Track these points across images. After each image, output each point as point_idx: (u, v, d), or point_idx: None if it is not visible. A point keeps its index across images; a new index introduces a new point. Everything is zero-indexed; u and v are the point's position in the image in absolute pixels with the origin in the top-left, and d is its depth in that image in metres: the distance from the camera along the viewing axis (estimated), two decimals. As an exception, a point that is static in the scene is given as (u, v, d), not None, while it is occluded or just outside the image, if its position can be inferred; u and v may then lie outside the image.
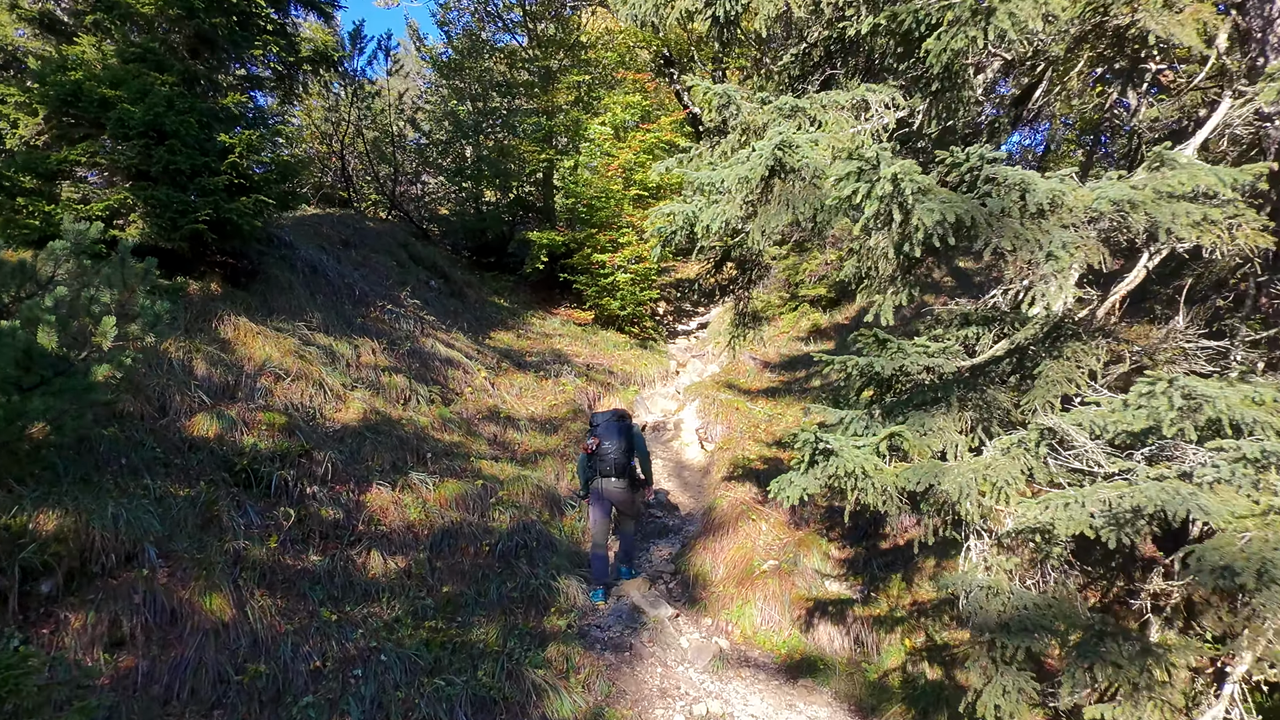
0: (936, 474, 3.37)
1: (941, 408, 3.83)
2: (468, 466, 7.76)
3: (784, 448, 9.32)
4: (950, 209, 3.00)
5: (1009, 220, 3.01)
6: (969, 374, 4.05)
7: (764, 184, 3.99)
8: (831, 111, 4.42)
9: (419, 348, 9.23)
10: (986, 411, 3.79)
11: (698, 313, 19.86)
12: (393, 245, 12.88)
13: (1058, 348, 3.64)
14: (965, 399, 3.82)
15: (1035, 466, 3.20)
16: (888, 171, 3.16)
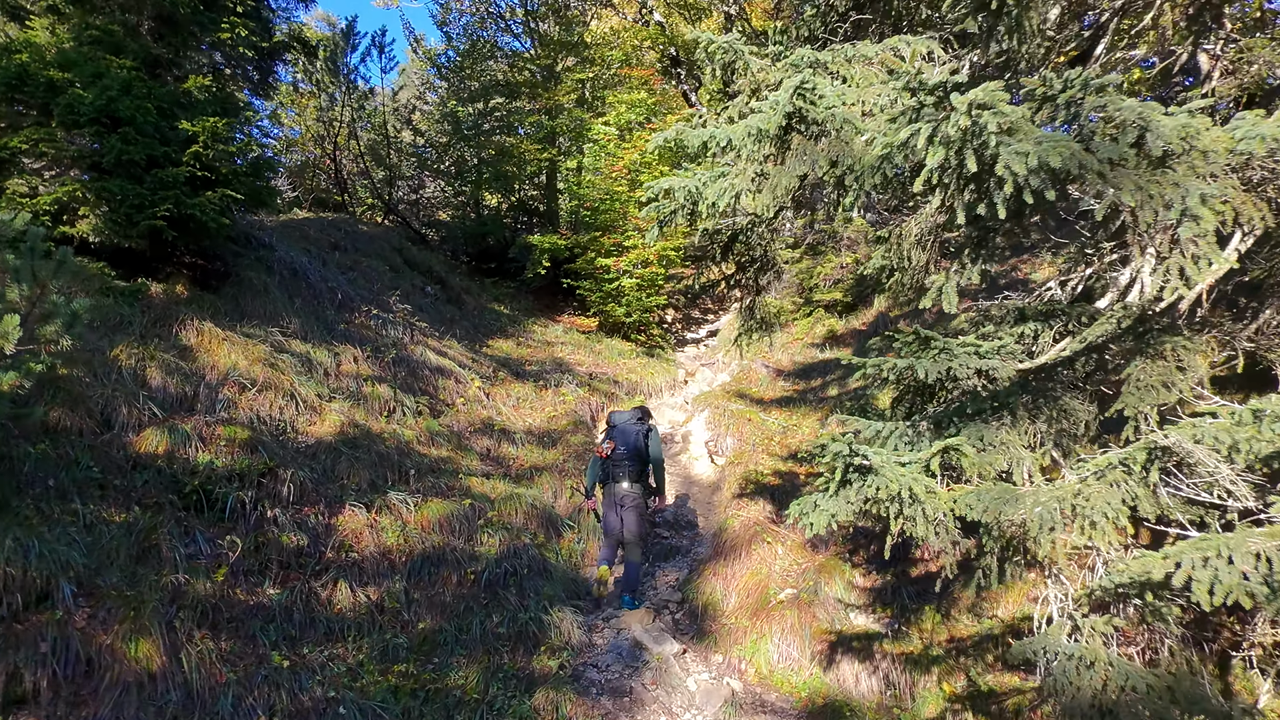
0: (1005, 501, 2.68)
1: (1002, 418, 3.14)
2: (455, 484, 7.09)
3: (800, 461, 8.61)
4: (1052, 152, 2.29)
5: (1123, 170, 2.33)
6: (1032, 378, 3.36)
7: (780, 141, 3.31)
8: (858, 66, 3.75)
9: (407, 355, 8.60)
10: (1060, 423, 3.10)
11: (707, 320, 19.18)
12: (386, 250, 12.28)
13: (1151, 344, 2.95)
14: (1035, 407, 3.12)
15: (1141, 496, 2.49)
16: (963, 101, 2.45)
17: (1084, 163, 2.30)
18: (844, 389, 10.72)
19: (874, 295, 13.43)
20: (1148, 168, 2.30)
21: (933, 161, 2.63)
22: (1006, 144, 2.38)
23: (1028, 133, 2.40)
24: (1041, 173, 2.33)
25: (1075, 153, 2.29)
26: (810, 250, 14.66)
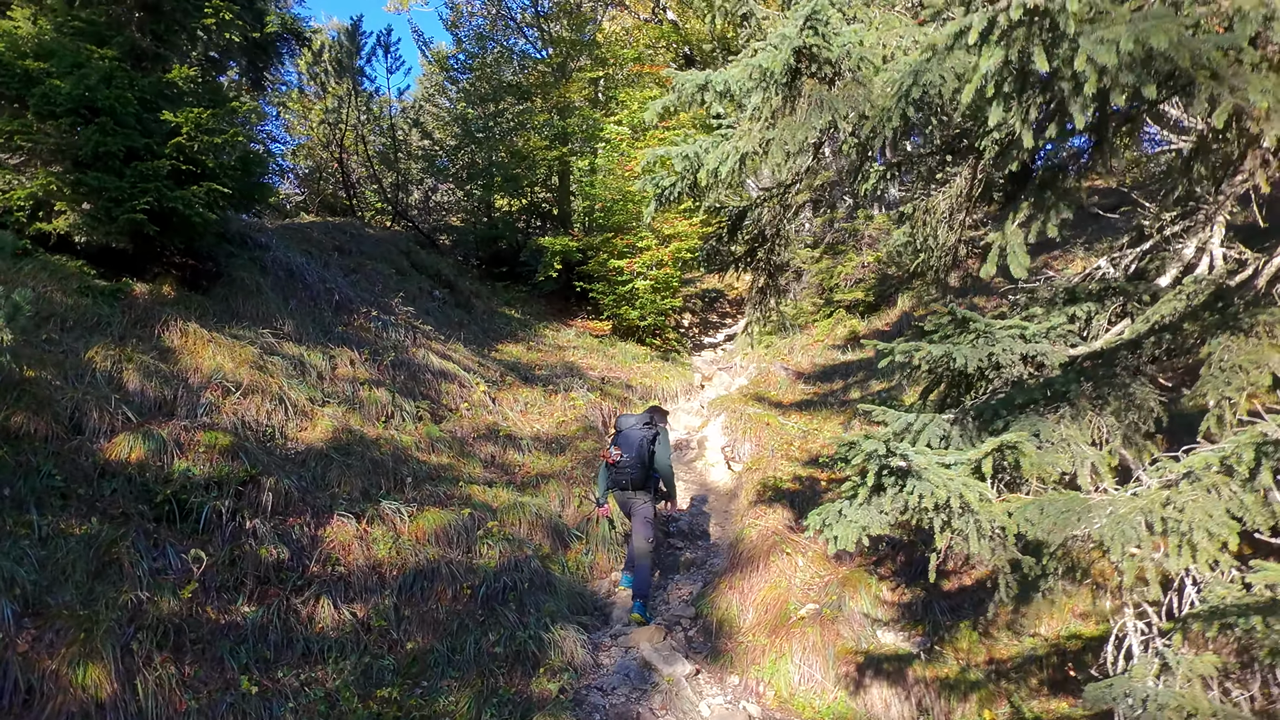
0: (1075, 513, 2.21)
1: (1059, 410, 2.67)
2: (455, 493, 6.70)
3: (821, 466, 8.14)
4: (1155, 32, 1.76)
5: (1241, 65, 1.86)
6: (1088, 363, 2.89)
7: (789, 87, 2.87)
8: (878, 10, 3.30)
9: (408, 359, 8.24)
10: (1128, 416, 2.63)
11: (724, 324, 18.73)
12: (393, 253, 11.98)
13: (1237, 318, 2.47)
14: (1098, 397, 2.65)
15: (1250, 504, 2.00)
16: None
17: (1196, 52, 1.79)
18: (866, 391, 10.23)
19: (897, 294, 12.92)
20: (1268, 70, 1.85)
21: (988, 64, 2.16)
22: (1088, 31, 1.90)
23: (1117, 15, 1.92)
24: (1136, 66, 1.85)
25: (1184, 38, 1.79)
26: (830, 250, 14.18)
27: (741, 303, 19.62)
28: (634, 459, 6.23)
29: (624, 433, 6.36)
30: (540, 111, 13.98)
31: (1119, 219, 13.28)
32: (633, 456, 6.23)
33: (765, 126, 3.14)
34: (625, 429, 6.40)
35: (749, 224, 5.68)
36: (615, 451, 6.37)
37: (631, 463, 6.24)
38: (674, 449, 10.24)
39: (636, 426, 6.39)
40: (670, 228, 13.24)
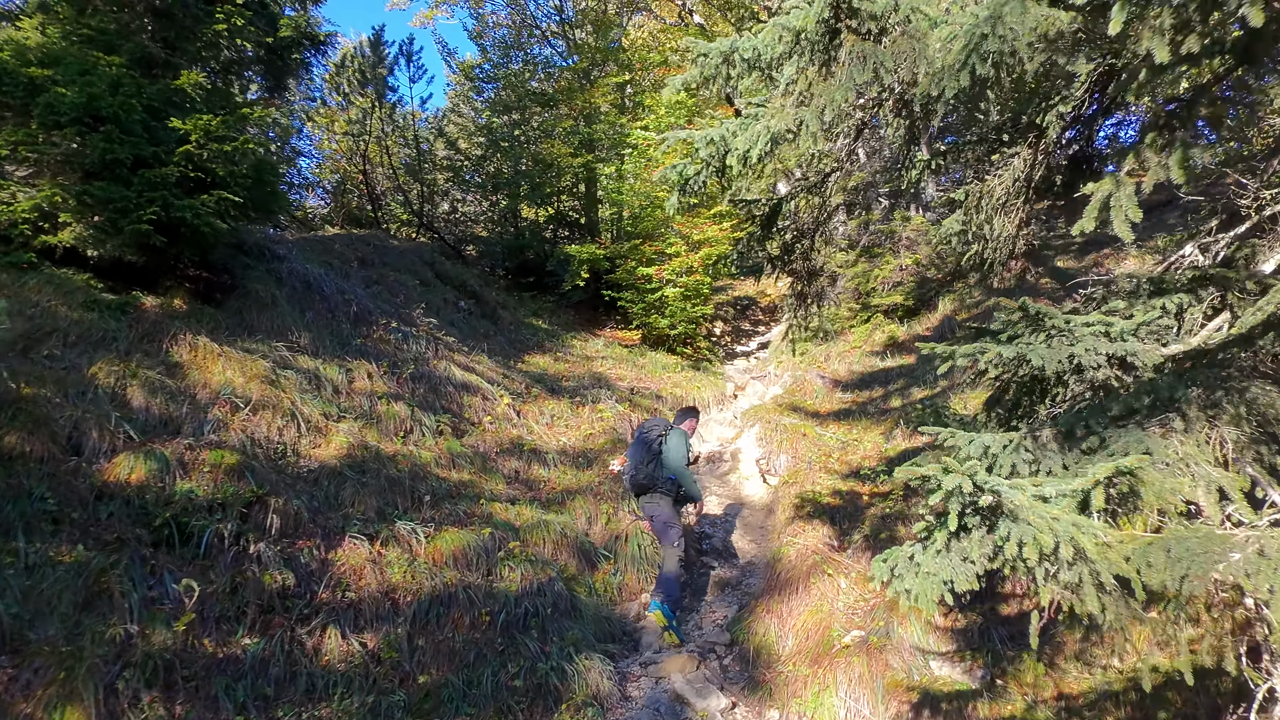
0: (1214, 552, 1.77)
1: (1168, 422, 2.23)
2: (476, 511, 6.37)
3: (863, 479, 7.67)
4: None
5: None
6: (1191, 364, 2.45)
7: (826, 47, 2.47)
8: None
9: (429, 371, 7.95)
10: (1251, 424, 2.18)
11: (757, 332, 18.26)
12: (417, 264, 11.76)
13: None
14: (1213, 404, 2.21)
15: None
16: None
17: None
18: (908, 399, 9.74)
19: (937, 298, 12.39)
20: None
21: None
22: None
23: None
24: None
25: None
26: (865, 253, 13.68)
27: (775, 310, 19.15)
28: (635, 462, 6.16)
29: (638, 439, 6.32)
30: (566, 118, 13.73)
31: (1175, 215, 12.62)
32: (635, 460, 6.17)
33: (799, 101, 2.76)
34: (640, 434, 6.34)
35: (785, 221, 5.27)
36: (617, 461, 6.49)
37: (633, 466, 6.19)
38: (708, 462, 9.83)
39: (653, 430, 6.30)
40: (700, 233, 12.87)
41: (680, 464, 6.15)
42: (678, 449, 6.18)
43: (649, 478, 6.25)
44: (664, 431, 6.34)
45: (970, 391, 9.29)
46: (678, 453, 6.16)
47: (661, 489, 6.25)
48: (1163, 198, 13.71)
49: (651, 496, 6.27)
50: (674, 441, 6.24)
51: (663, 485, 6.24)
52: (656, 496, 6.25)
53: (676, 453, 6.16)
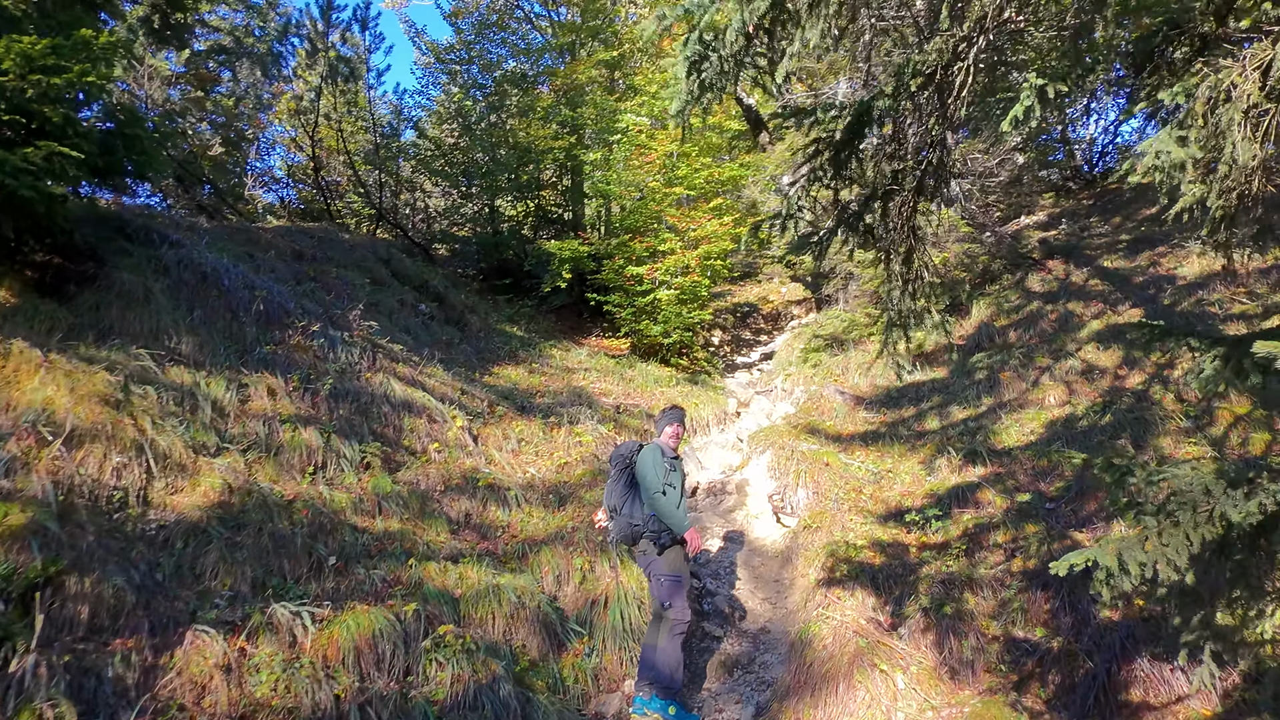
0: None
1: None
2: (401, 576, 4.73)
3: (907, 526, 6.05)
4: None
5: None
6: None
7: None
8: None
9: (358, 387, 6.30)
10: None
11: (759, 341, 16.67)
12: (370, 260, 10.13)
13: None
14: None
15: None
16: None
17: None
18: (947, 419, 8.14)
19: (970, 302, 10.81)
20: None
21: None
22: None
23: None
24: None
25: None
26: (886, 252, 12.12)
27: (778, 317, 17.57)
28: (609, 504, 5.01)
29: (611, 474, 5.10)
30: (546, 96, 12.15)
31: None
32: (608, 501, 5.02)
33: None
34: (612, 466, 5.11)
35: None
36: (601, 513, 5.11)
37: (616, 520, 4.94)
38: (708, 494, 8.20)
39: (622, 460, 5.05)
40: (697, 229, 11.27)
41: (654, 488, 4.65)
42: (646, 472, 4.69)
43: (629, 525, 4.80)
44: (634, 453, 4.89)
45: (1023, 413, 7.70)
46: (646, 478, 4.68)
47: (649, 534, 4.73)
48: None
49: (642, 545, 4.81)
50: (642, 465, 4.74)
51: (649, 529, 4.74)
52: (646, 544, 4.79)
53: (644, 478, 4.69)
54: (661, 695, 4.50)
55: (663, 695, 4.50)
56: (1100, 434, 6.58)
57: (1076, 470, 6.22)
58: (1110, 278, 10.12)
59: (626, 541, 4.81)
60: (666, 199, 11.46)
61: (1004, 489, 6.23)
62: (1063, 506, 5.83)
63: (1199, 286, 8.76)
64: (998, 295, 10.74)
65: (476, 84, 12.94)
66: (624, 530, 4.75)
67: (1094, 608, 4.60)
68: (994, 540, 5.58)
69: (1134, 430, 6.45)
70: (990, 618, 4.77)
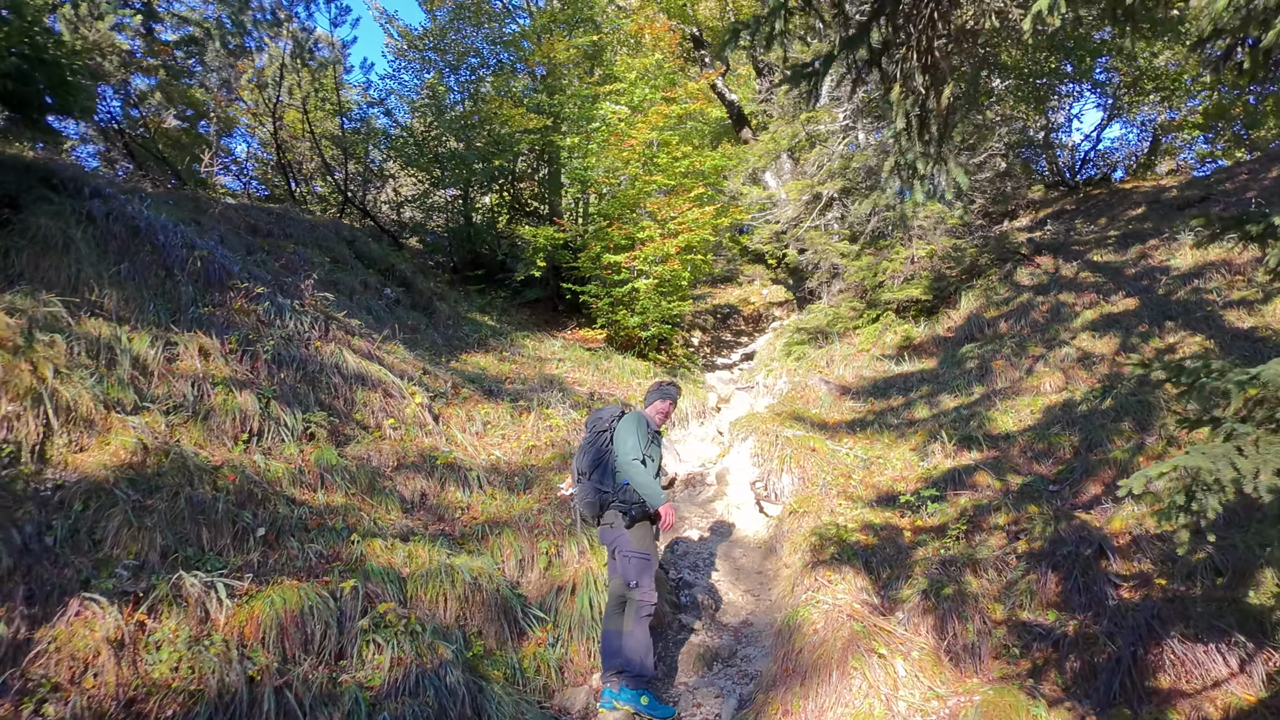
0: None
1: None
2: (341, 552, 4.20)
3: (901, 510, 5.60)
4: None
5: None
6: None
7: None
8: None
9: (305, 355, 5.76)
10: None
11: (739, 343, 16.25)
12: (332, 240, 9.59)
13: None
14: None
15: None
16: None
17: None
18: (937, 407, 7.73)
19: (959, 293, 10.46)
20: None
21: None
22: None
23: None
24: None
25: None
26: (872, 243, 11.76)
27: (759, 319, 17.18)
28: (578, 469, 4.42)
29: (584, 440, 4.51)
30: (523, 74, 11.71)
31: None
32: (578, 467, 4.43)
33: None
34: (587, 431, 4.51)
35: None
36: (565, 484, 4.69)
37: (575, 475, 4.46)
38: (686, 486, 7.71)
39: (599, 423, 4.48)
40: (678, 216, 10.85)
41: (631, 455, 4.18)
42: (627, 437, 4.23)
43: (596, 492, 4.26)
44: (614, 421, 4.39)
45: (1017, 399, 7.32)
46: (626, 443, 4.25)
47: (619, 504, 4.25)
48: (1197, 194, 12.07)
49: (608, 517, 4.29)
50: (623, 428, 4.29)
51: (619, 498, 4.26)
52: (613, 515, 4.26)
53: (624, 443, 4.26)
54: (631, 685, 4.00)
55: (633, 685, 4.00)
56: (1101, 418, 6.20)
57: (1076, 452, 5.84)
58: (1102, 270, 9.83)
59: (592, 510, 4.28)
60: (647, 187, 11.04)
61: (1001, 472, 5.81)
62: (1066, 488, 5.42)
63: (1194, 276, 8.47)
64: (986, 288, 10.40)
65: (451, 66, 12.46)
66: (590, 496, 4.24)
67: (1110, 588, 4.17)
68: (994, 522, 5.14)
69: (1137, 414, 6.07)
70: (995, 600, 4.32)
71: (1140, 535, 4.51)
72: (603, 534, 4.37)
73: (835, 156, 11.83)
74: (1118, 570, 4.32)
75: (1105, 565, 4.35)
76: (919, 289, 9.99)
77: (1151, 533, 4.51)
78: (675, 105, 11.41)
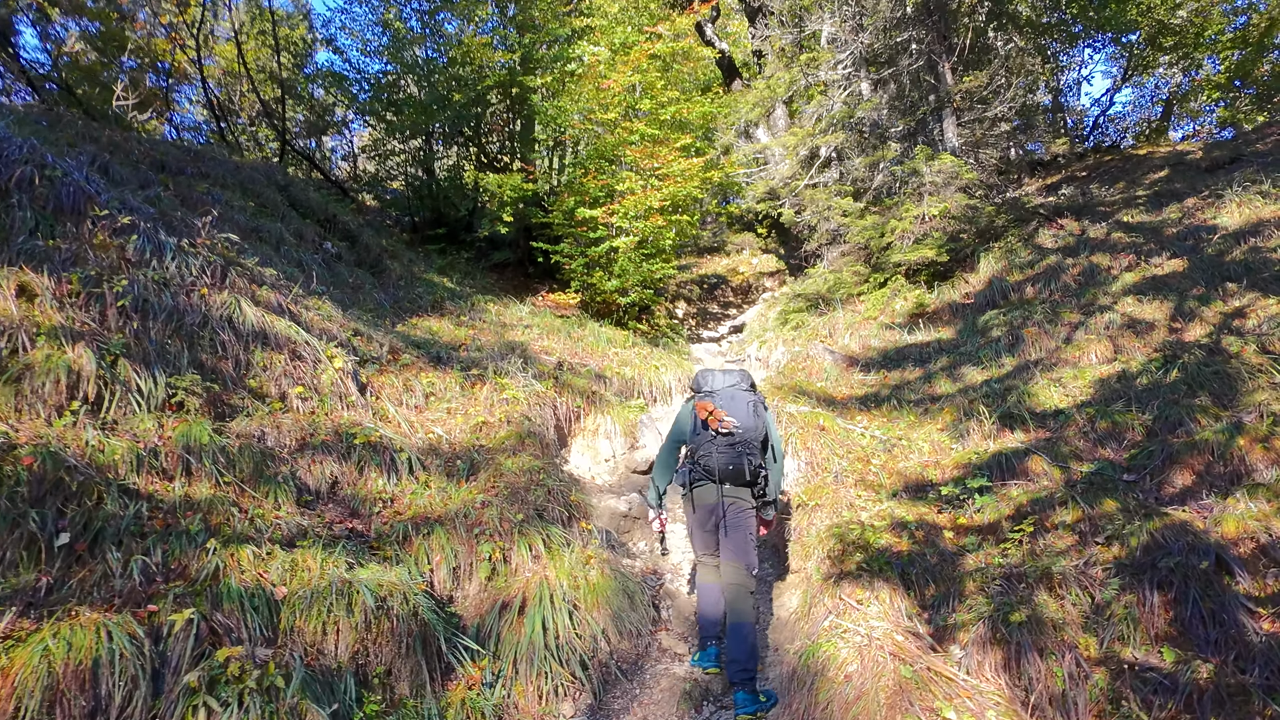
0: None
1: None
2: (189, 566, 3.01)
3: (939, 504, 4.48)
4: None
5: None
6: None
7: None
8: None
9: (186, 304, 4.51)
10: None
11: (728, 315, 15.08)
12: (261, 184, 8.28)
13: None
14: None
15: None
16: None
17: None
18: (960, 381, 6.62)
19: (977, 255, 9.32)
20: None
21: None
22: None
23: None
24: None
25: None
26: (876, 201, 10.58)
27: (748, 289, 15.98)
28: (747, 431, 3.75)
29: (720, 391, 3.87)
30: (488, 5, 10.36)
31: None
32: (748, 428, 3.76)
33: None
34: (721, 387, 3.90)
35: None
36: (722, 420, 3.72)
37: (748, 438, 3.76)
38: (668, 470, 6.56)
39: (739, 386, 3.91)
40: (663, 168, 9.62)
41: (781, 444, 4.04)
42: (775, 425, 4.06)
43: (754, 467, 3.73)
44: (762, 400, 3.92)
45: (1059, 371, 6.21)
46: (777, 431, 4.02)
47: (755, 486, 3.78)
48: (1227, 155, 10.99)
49: (746, 493, 3.77)
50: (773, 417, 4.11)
51: (759, 480, 3.78)
52: (748, 494, 3.77)
53: (776, 430, 4.00)
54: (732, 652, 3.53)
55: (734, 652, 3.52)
56: (1170, 392, 5.10)
57: (1150, 433, 4.73)
58: (1137, 230, 8.72)
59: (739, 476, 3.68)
60: (628, 135, 9.77)
61: (1059, 457, 4.69)
62: (1145, 478, 4.31)
63: (1249, 234, 7.38)
64: (1006, 250, 9.27)
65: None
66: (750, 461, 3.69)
67: (1246, 617, 3.07)
68: (1060, 520, 4.02)
69: (1215, 385, 4.98)
70: (1084, 630, 3.19)
71: (1268, 542, 3.40)
72: (727, 502, 3.71)
73: (836, 103, 10.61)
74: (1247, 590, 3.21)
75: (1230, 583, 3.24)
76: (932, 249, 8.83)
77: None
78: (661, 42, 10.13)
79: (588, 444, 6.78)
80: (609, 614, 4.07)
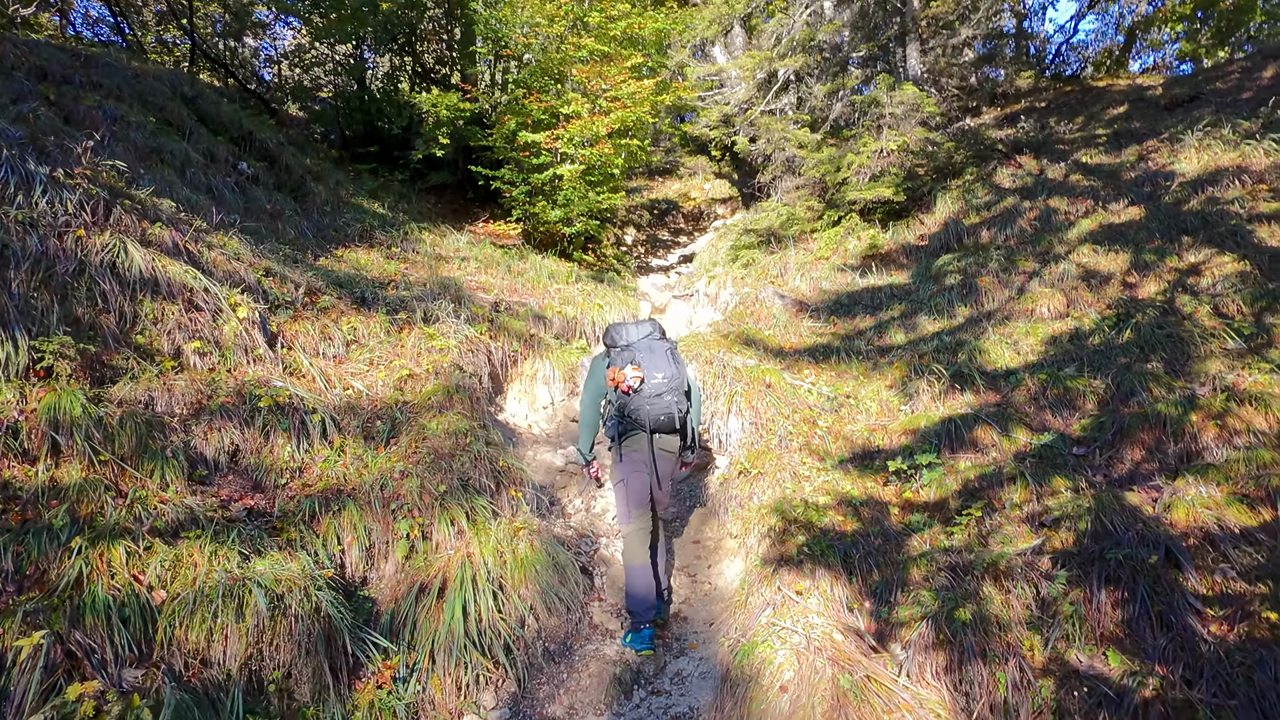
0: None
1: None
2: (47, 570, 2.63)
3: (881, 473, 4.30)
4: None
5: None
6: None
7: None
8: None
9: (56, 249, 3.96)
10: None
11: (678, 243, 14.63)
12: (164, 96, 7.45)
13: None
14: None
15: None
16: None
17: None
18: (914, 332, 6.43)
19: (933, 195, 9.04)
20: None
21: None
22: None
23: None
24: None
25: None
26: (834, 133, 10.15)
27: (700, 216, 15.51)
28: (670, 380, 3.78)
29: (635, 345, 3.85)
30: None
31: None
32: (669, 374, 3.79)
33: None
34: (636, 340, 3.88)
35: None
36: (633, 372, 3.72)
37: (671, 383, 3.79)
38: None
39: (655, 335, 3.94)
40: (612, 90, 8.98)
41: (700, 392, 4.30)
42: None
43: (681, 411, 3.82)
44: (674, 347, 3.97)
45: (1012, 325, 6.04)
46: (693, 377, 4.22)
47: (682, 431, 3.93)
48: (1187, 92, 10.78)
49: (675, 439, 3.93)
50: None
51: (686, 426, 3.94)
52: (677, 441, 3.94)
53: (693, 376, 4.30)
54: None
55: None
56: (1122, 354, 4.95)
57: (1103, 403, 4.60)
58: (1095, 173, 8.50)
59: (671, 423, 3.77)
60: (575, 52, 9.06)
61: (1008, 426, 4.54)
62: (1095, 453, 4.18)
63: (1206, 183, 7.20)
64: (964, 190, 9.00)
65: None
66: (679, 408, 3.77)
67: (1193, 619, 2.96)
68: (1008, 499, 3.87)
69: (1168, 350, 4.84)
70: (1030, 628, 3.05)
71: (1216, 534, 3.28)
72: (662, 452, 3.83)
73: (797, 23, 10.00)
74: (1195, 588, 3.10)
75: (1180, 579, 3.12)
76: (889, 188, 8.50)
77: (1235, 529, 3.30)
78: None
79: (525, 390, 6.46)
80: (537, 590, 3.83)
